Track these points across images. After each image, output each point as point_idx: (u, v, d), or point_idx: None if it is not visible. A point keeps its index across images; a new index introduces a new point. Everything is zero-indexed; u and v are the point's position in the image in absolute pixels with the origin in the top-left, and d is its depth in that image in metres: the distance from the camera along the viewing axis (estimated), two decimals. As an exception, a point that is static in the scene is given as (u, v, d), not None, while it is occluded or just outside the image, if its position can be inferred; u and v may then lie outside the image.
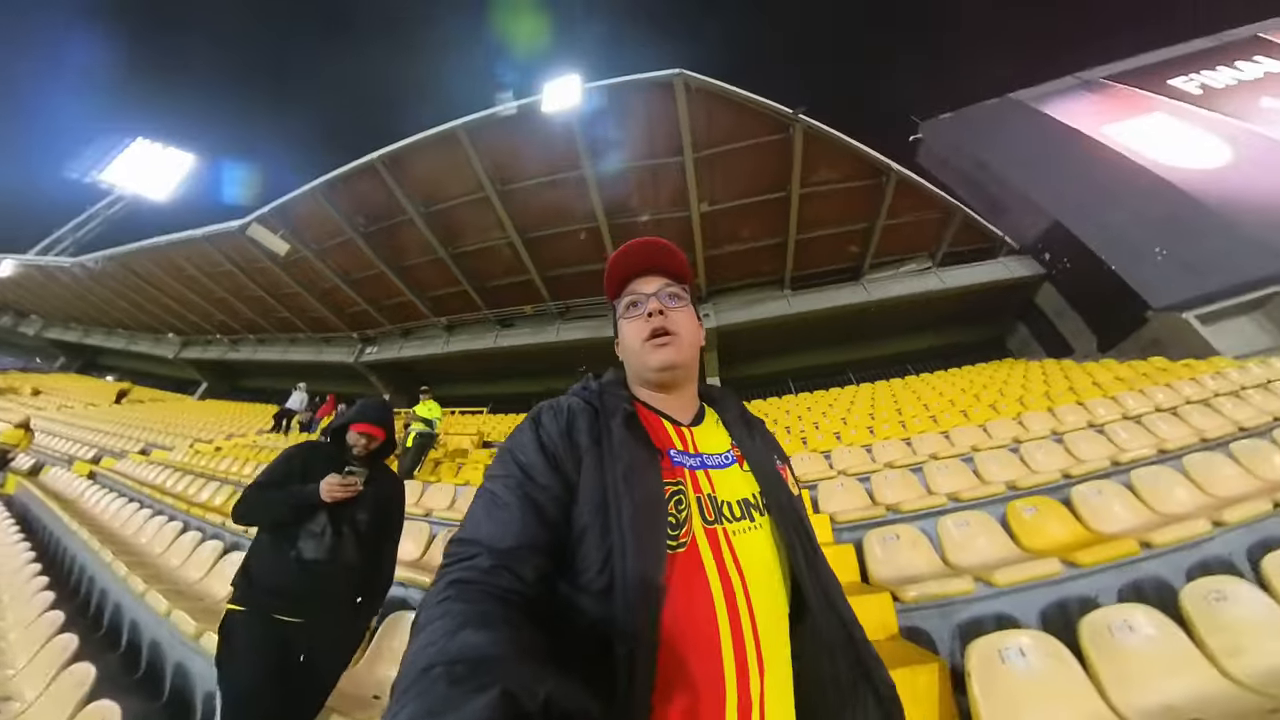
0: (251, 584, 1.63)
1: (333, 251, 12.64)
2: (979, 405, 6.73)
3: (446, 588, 0.51)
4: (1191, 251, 8.90)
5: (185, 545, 3.97)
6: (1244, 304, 8.19)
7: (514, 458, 0.65)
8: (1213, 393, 4.96)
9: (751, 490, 0.69)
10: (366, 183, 10.61)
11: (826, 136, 9.23)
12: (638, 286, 0.79)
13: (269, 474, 1.76)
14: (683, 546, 0.59)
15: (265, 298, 15.26)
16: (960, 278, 11.32)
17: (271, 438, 9.89)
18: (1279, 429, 3.53)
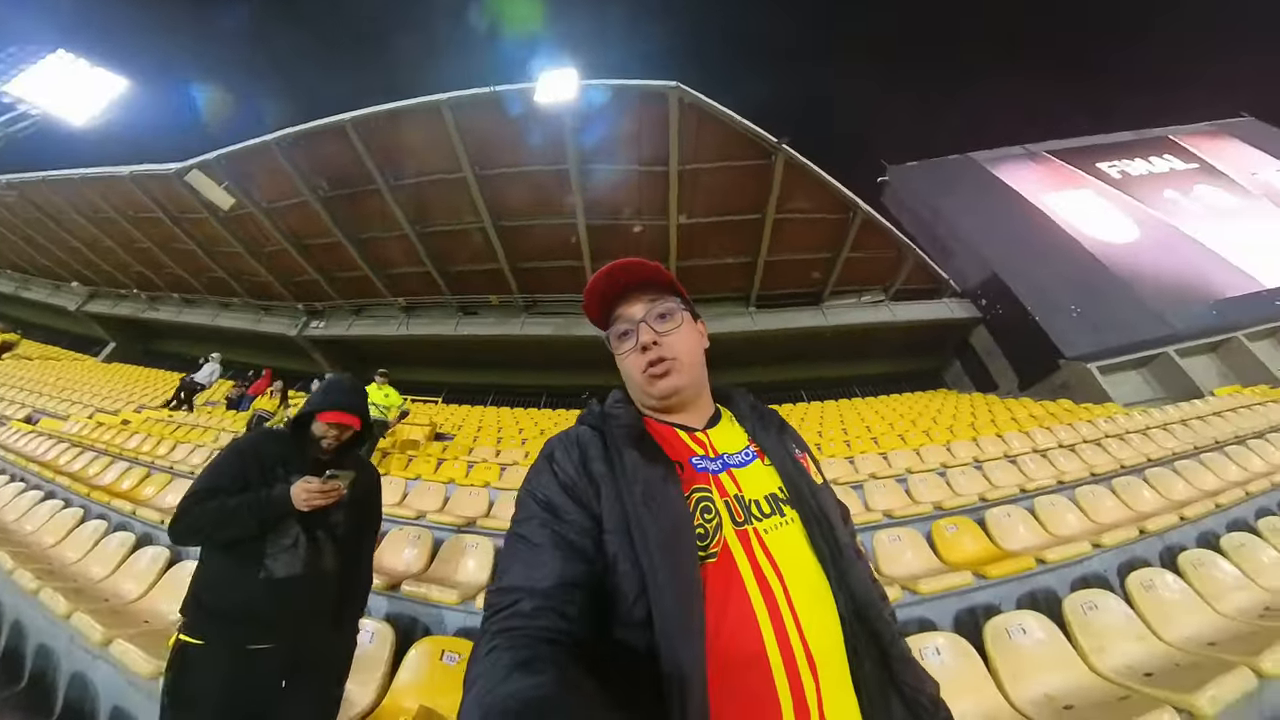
0: (210, 612, 1.35)
1: (285, 213, 11.79)
2: (915, 431, 7.31)
3: (492, 638, 0.50)
4: (1099, 312, 10.22)
5: (86, 536, 3.43)
6: (1136, 360, 9.56)
7: (535, 499, 0.63)
8: (1104, 434, 5.67)
9: (776, 484, 0.68)
10: (333, 144, 10.01)
11: (805, 168, 9.74)
12: (624, 311, 0.77)
13: (216, 477, 1.43)
14: (714, 556, 0.58)
15: (198, 254, 13.86)
16: (909, 313, 12.26)
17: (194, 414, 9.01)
18: (1150, 468, 4.11)
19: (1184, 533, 3.23)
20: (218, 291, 15.85)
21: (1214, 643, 2.06)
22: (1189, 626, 2.20)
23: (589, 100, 8.71)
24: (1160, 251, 11.41)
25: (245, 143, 10.32)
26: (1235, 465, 4.20)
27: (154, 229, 13.46)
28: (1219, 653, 1.94)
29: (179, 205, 12.15)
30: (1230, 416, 5.90)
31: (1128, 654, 2.02)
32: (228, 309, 16.25)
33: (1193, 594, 2.34)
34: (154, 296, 17.21)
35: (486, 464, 5.67)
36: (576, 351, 13.42)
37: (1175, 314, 9.98)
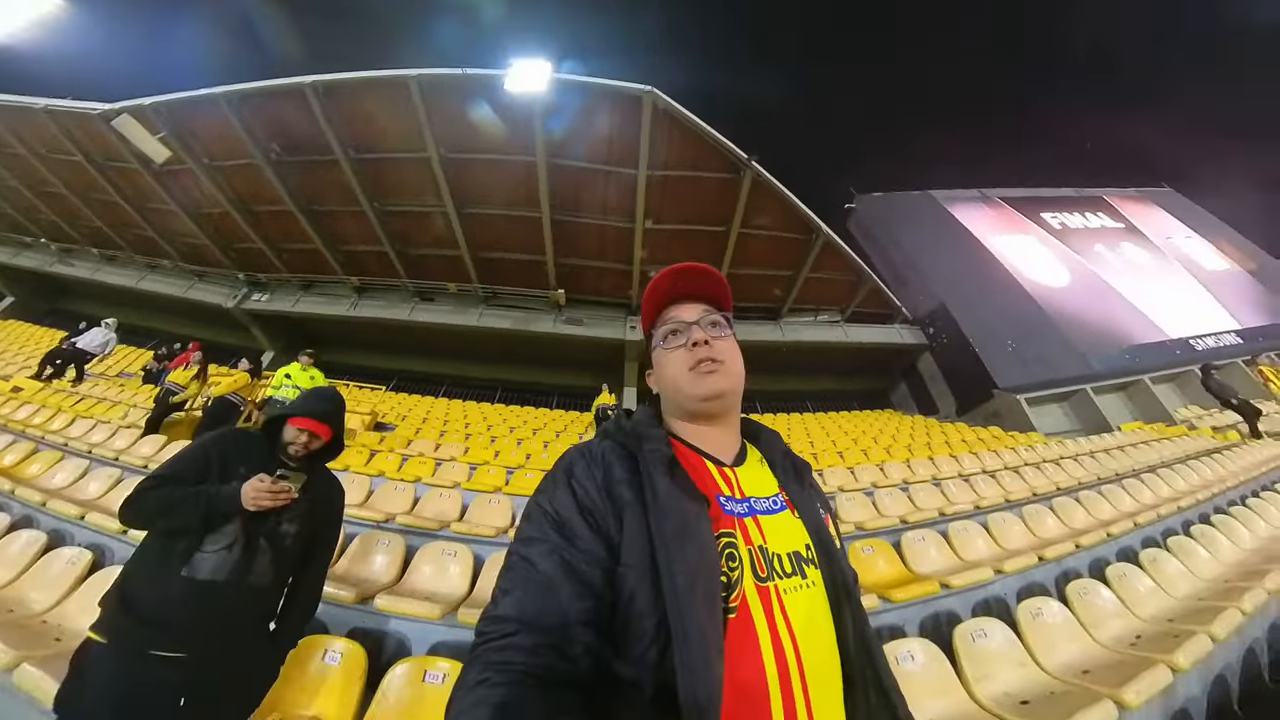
0: (125, 608, 1.25)
1: (231, 174, 10.94)
2: (876, 448, 7.59)
3: (484, 670, 0.46)
4: (1031, 348, 11.03)
5: None
6: (1058, 394, 10.45)
7: (547, 517, 0.59)
8: (1023, 462, 6.03)
9: (803, 541, 0.63)
10: (291, 107, 9.38)
11: (772, 187, 9.95)
12: (677, 314, 0.75)
13: (176, 466, 1.40)
14: (734, 611, 0.54)
15: (123, 207, 12.51)
16: (862, 335, 12.75)
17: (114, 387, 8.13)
18: (1057, 497, 4.35)
19: (1079, 559, 3.41)
20: (146, 251, 14.43)
21: (1088, 670, 2.14)
22: (1068, 654, 2.28)
23: (561, 94, 8.58)
24: (1087, 298, 12.47)
25: (190, 92, 9.50)
26: (1129, 496, 4.52)
27: (72, 174, 12.07)
28: (1091, 682, 2.01)
29: (104, 151, 10.98)
30: (1131, 450, 6.40)
31: (1009, 682, 2.07)
32: (156, 271, 14.82)
33: (1075, 622, 2.44)
34: (67, 249, 15.40)
35: (422, 458, 5.40)
36: (534, 348, 13.16)
37: (1095, 355, 10.95)
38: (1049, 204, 16.36)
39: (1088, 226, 15.63)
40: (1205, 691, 2.13)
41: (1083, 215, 16.06)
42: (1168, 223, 16.43)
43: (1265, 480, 5.10)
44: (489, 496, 3.87)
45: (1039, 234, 14.89)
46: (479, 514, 3.71)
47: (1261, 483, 5.00)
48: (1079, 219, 15.89)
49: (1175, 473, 5.17)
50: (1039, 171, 18.20)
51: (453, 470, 5.09)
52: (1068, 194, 17.05)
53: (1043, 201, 16.42)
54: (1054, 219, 15.64)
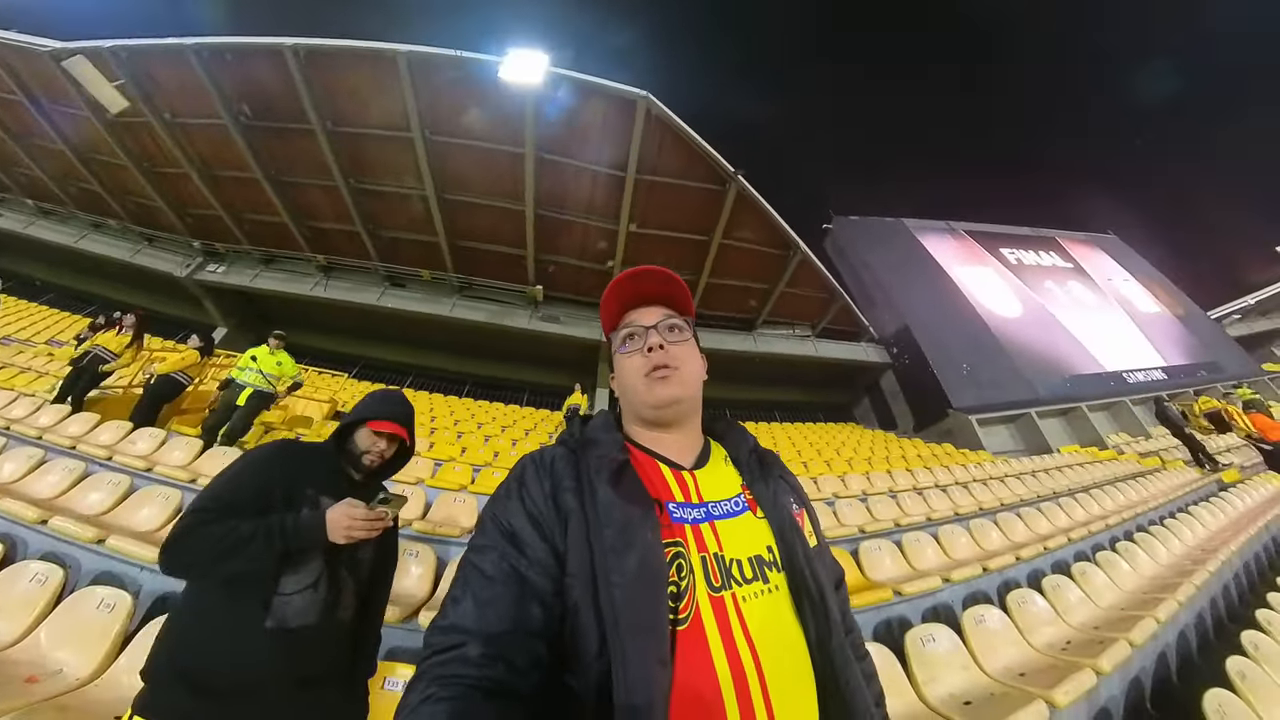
0: (186, 678, 0.98)
1: (193, 133, 10.25)
2: (838, 460, 7.87)
3: (429, 684, 0.45)
4: (984, 372, 11.81)
5: None
6: (1005, 417, 11.16)
7: (498, 526, 0.58)
8: (972, 478, 6.39)
9: (766, 542, 0.60)
10: (267, 69, 8.88)
11: (755, 201, 10.20)
12: (636, 318, 0.73)
13: (231, 490, 1.12)
14: (684, 622, 0.51)
15: (67, 156, 11.47)
16: (831, 350, 13.26)
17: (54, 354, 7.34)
18: (1000, 512, 4.64)
19: (1019, 570, 3.63)
20: (90, 208, 13.33)
21: (1024, 673, 2.29)
22: (1007, 658, 2.43)
23: (555, 89, 8.52)
24: (1036, 329, 13.44)
25: (155, 39, 8.84)
26: (1064, 513, 4.86)
27: (10, 115, 11.03)
28: (1026, 684, 2.16)
29: (51, 92, 10.03)
30: (1068, 471, 6.91)
31: (953, 684, 2.20)
32: (100, 230, 13.65)
33: (1014, 628, 2.61)
34: None
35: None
36: (507, 343, 12.94)
37: (1040, 382, 11.79)
38: (1007, 240, 17.52)
39: (1040, 264, 16.82)
40: (1124, 692, 2.32)
41: (1036, 253, 17.28)
42: (1110, 266, 17.90)
43: (1181, 502, 5.59)
44: (454, 494, 3.76)
45: (997, 267, 15.90)
46: (443, 512, 3.60)
47: (1178, 504, 5.48)
48: (1033, 256, 17.08)
49: (1105, 493, 5.61)
50: (1001, 208, 19.48)
51: (416, 466, 4.81)
52: (1025, 232, 18.31)
53: (1002, 237, 17.56)
54: (1011, 254, 16.75)
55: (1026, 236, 18.08)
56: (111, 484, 3.09)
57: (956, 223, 17.74)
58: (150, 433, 4.18)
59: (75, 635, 1.79)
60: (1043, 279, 15.88)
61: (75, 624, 1.83)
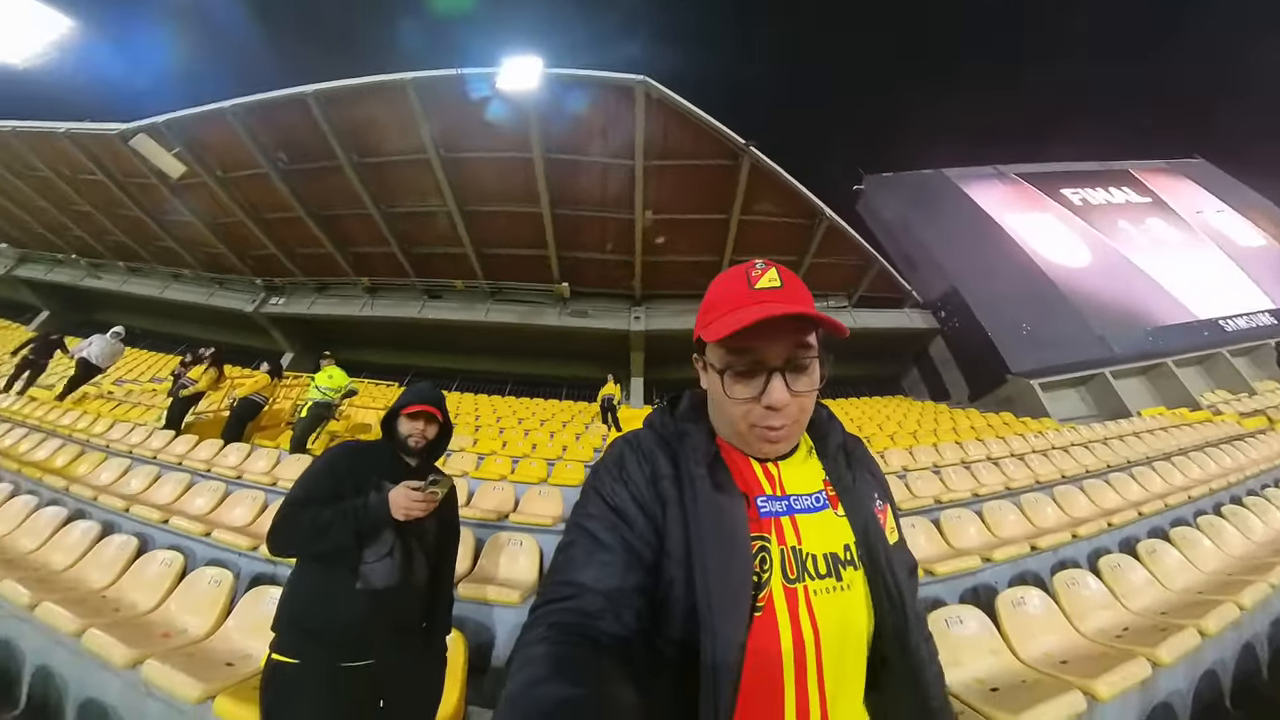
0: (305, 629, 1.29)
1: (242, 184, 11.30)
2: (880, 435, 7.53)
3: (545, 629, 0.49)
4: (1047, 331, 10.64)
5: (16, 510, 3.34)
6: (1074, 379, 9.97)
7: (605, 501, 0.61)
8: (1031, 449, 5.88)
9: (845, 540, 0.61)
10: (294, 117, 9.61)
11: (771, 173, 9.78)
12: (757, 345, 0.60)
13: (310, 486, 1.40)
14: (759, 610, 0.55)
15: (145, 221, 13.14)
16: (871, 320, 12.50)
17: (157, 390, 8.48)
18: (1060, 485, 4.25)
19: (1076, 548, 3.34)
20: (168, 262, 15.09)
21: (1066, 661, 2.12)
22: (1048, 644, 2.25)
23: (553, 89, 8.56)
24: (1108, 278, 11.92)
25: (198, 108, 9.82)
26: (1137, 485, 4.37)
27: (95, 192, 12.69)
28: (1064, 672, 1.99)
29: (123, 169, 11.50)
30: (1147, 437, 6.18)
31: (978, 669, 2.08)
32: (178, 280, 15.47)
33: (1059, 613, 2.40)
34: (95, 264, 16.21)
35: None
36: (541, 341, 13.29)
37: (1115, 337, 10.44)
38: (1070, 179, 15.60)
39: (1111, 202, 14.88)
40: (1192, 687, 2.09)
41: (1106, 190, 15.27)
42: (1198, 196, 15.50)
43: (1286, 468, 4.88)
44: (494, 484, 4.08)
45: (1058, 211, 14.28)
46: (487, 500, 3.88)
47: (1281, 472, 4.79)
48: (1101, 194, 15.11)
49: (1191, 460, 4.99)
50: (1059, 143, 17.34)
51: (461, 460, 5.40)
52: (1090, 168, 16.23)
53: (1063, 177, 15.67)
54: (1075, 195, 14.95)
55: (1093, 173, 15.96)
56: (212, 490, 3.83)
57: (1006, 166, 15.99)
58: (238, 447, 4.99)
59: (194, 604, 2.40)
60: (1114, 219, 14.06)
61: (193, 596, 2.43)
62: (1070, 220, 13.94)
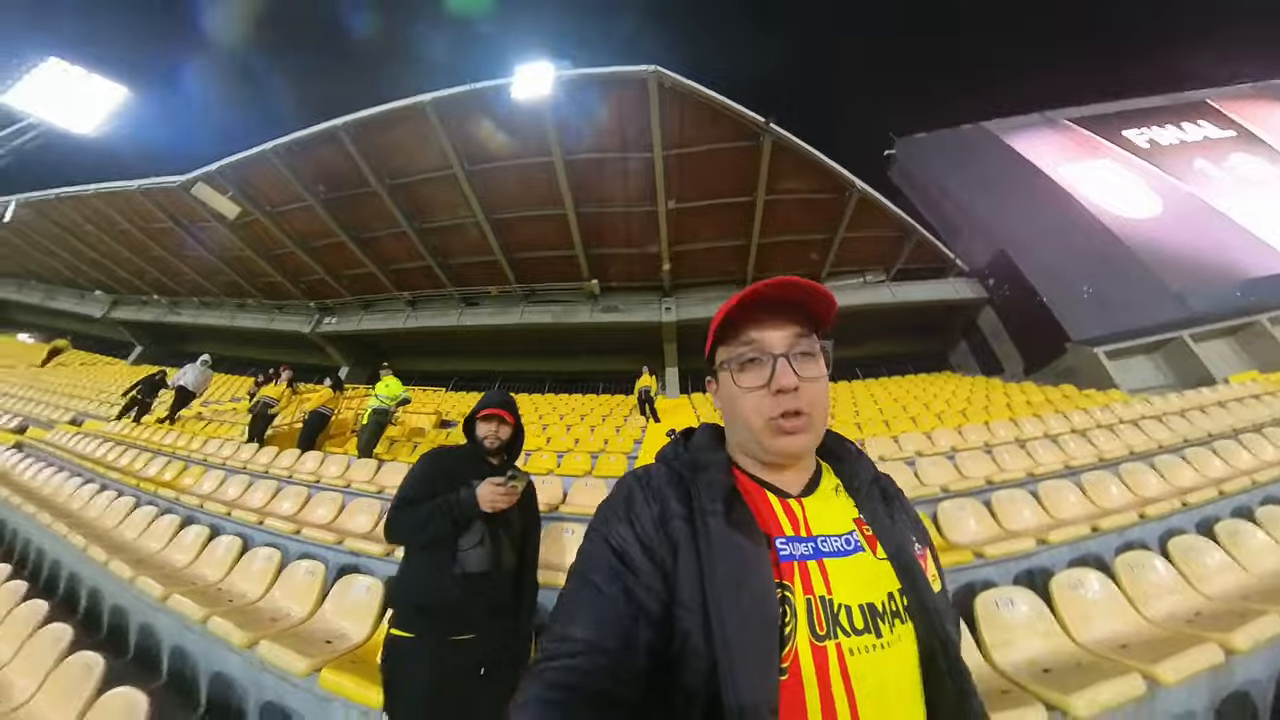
0: (416, 606, 1.51)
1: (289, 216, 12.16)
2: (926, 414, 7.22)
3: (545, 688, 0.46)
4: (1112, 292, 9.66)
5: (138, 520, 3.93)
6: (1147, 345, 9.00)
7: (609, 546, 0.56)
8: (1096, 424, 5.48)
9: (885, 589, 0.53)
10: (328, 149, 10.24)
11: (794, 148, 9.45)
12: (761, 335, 0.61)
13: (411, 487, 1.63)
14: (784, 673, 0.48)
15: (210, 259, 14.51)
16: (911, 293, 11.90)
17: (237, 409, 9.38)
18: (1128, 462, 3.97)
19: (1145, 530, 3.15)
20: (233, 293, 16.56)
21: (1126, 645, 2.05)
22: (1108, 628, 2.17)
23: (567, 90, 8.63)
24: (1184, 227, 10.59)
25: (244, 153, 10.65)
26: (1220, 460, 4.02)
27: (167, 238, 14.12)
28: (1124, 656, 1.93)
29: (188, 215, 12.70)
30: (1234, 407, 5.60)
31: (1030, 650, 2.05)
32: (244, 309, 16.98)
33: (1120, 596, 2.30)
34: (174, 301, 18.11)
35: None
36: (576, 338, 13.57)
37: (1195, 295, 9.27)
38: (1133, 118, 14.02)
39: (1185, 140, 13.22)
40: (1275, 678, 1.96)
41: (1178, 126, 13.60)
42: (1295, 120, 13.62)
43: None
44: (541, 478, 4.26)
45: (1120, 156, 12.90)
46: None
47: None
48: (1173, 131, 13.47)
49: (1286, 432, 4.50)
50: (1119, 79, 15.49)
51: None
52: (1158, 102, 14.46)
53: (1125, 116, 14.10)
54: (1140, 135, 13.45)
55: (1161, 108, 14.21)
56: (296, 494, 4.28)
57: (1055, 111, 14.55)
58: (313, 455, 5.52)
59: (293, 592, 2.75)
60: (1190, 158, 12.49)
61: (292, 586, 2.78)
62: (1135, 165, 12.57)
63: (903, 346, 13.55)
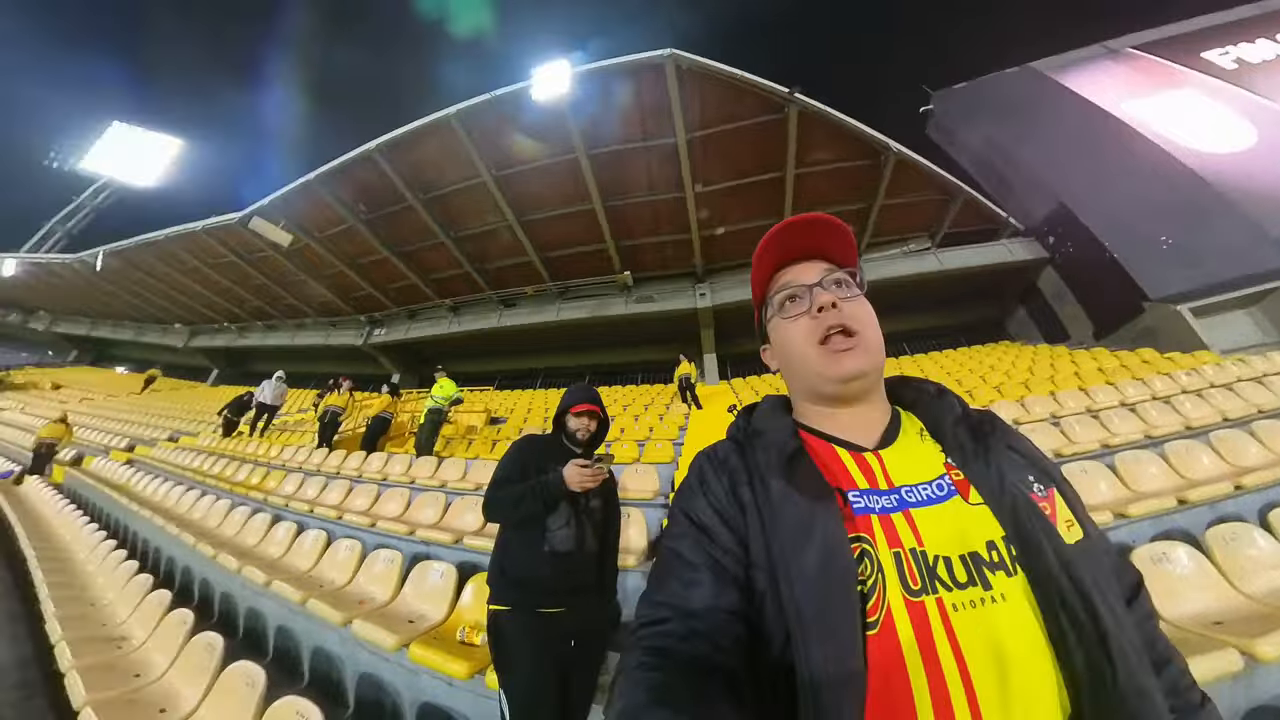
0: (510, 582, 1.64)
1: (336, 239, 12.95)
2: (984, 387, 6.87)
3: (644, 654, 0.47)
4: (1197, 240, 8.59)
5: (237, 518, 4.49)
6: (1243, 298, 7.99)
7: (689, 518, 0.57)
8: (1180, 389, 5.03)
9: (987, 536, 0.48)
10: (365, 171, 10.80)
11: (822, 116, 9.05)
12: (793, 276, 0.64)
13: (506, 470, 1.75)
14: (874, 626, 0.44)
15: (270, 285, 15.82)
16: (960, 259, 11.18)
17: (305, 418, 10.29)
18: (1219, 430, 3.65)
19: (1242, 502, 2.91)
20: (292, 315, 18.03)
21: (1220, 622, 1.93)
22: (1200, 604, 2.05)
23: (585, 85, 8.63)
24: None
25: (290, 185, 11.40)
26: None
27: (231, 270, 15.49)
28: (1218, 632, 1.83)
29: (247, 247, 13.84)
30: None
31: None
32: (302, 329, 18.39)
33: (1213, 571, 2.16)
34: (241, 327, 19.98)
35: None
36: (612, 330, 13.74)
37: None
38: (1215, 36, 12.26)
39: None
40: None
41: (1272, 40, 11.83)
42: None
43: None
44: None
45: (1200, 82, 11.41)
46: None
47: None
48: (1266, 47, 11.70)
49: None
50: None
51: None
52: (1247, 13, 12.58)
53: (1204, 35, 12.37)
54: (1224, 56, 11.80)
55: (1250, 19, 12.34)
56: (366, 491, 4.69)
57: (1116, 41, 13.01)
58: (378, 456, 5.99)
59: (376, 579, 3.02)
60: None
61: (374, 573, 3.06)
62: (1221, 91, 11.08)
63: (953, 318, 12.81)
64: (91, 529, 4.85)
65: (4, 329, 25.31)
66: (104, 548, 4.13)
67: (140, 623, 2.75)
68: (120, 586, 3.29)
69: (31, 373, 21.29)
